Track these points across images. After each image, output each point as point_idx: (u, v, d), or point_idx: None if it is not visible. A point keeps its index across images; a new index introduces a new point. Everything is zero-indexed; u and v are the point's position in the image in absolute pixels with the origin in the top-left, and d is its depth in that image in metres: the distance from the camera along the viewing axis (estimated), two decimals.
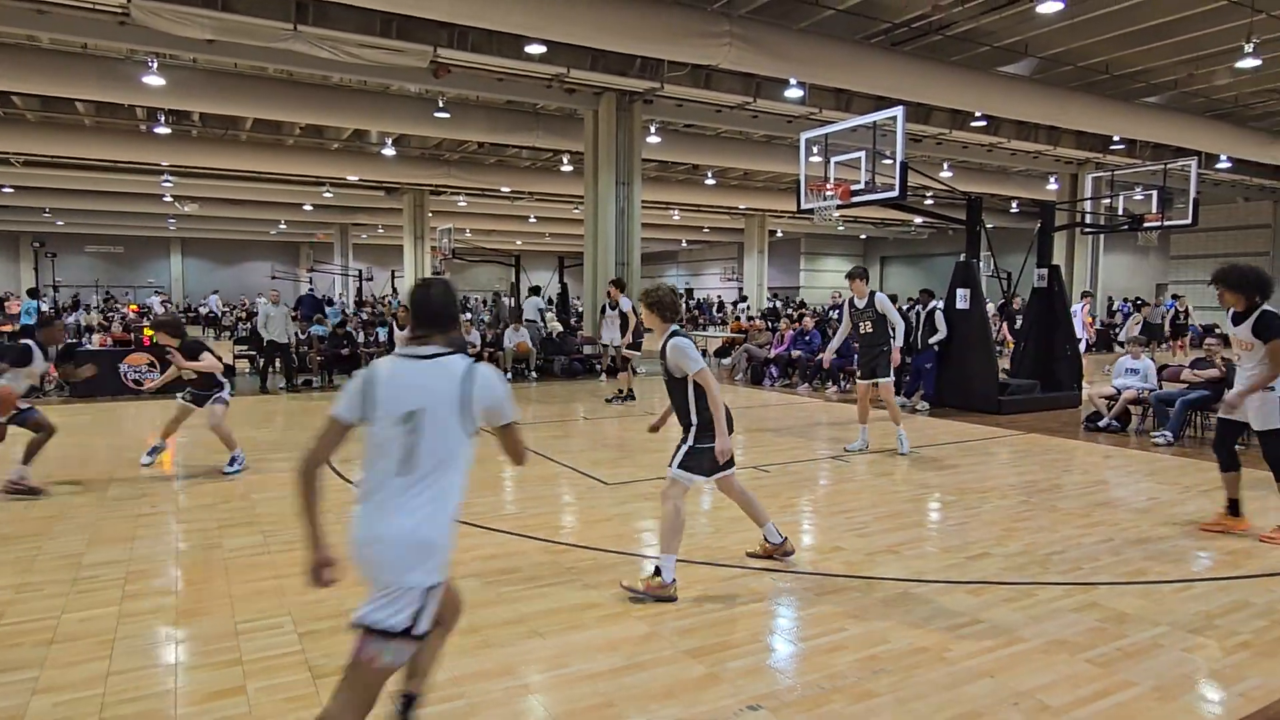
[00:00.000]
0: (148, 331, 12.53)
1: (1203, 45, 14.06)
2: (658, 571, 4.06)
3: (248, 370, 14.97)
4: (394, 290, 32.55)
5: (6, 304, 21.92)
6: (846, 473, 7.14)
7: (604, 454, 8.06)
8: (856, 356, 8.38)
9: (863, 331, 7.91)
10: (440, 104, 15.88)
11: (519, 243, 42.69)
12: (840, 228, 37.42)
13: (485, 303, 35.82)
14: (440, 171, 23.17)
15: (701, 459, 4.10)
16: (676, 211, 31.87)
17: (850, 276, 8.07)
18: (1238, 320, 5.07)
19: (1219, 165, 21.58)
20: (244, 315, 25.53)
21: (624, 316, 12.39)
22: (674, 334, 4.12)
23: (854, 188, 9.90)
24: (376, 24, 11.61)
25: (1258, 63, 12.81)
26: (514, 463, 2.53)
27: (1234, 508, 5.34)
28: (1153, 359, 10.48)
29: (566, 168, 21.95)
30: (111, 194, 26.98)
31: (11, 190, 26.15)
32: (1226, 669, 3.35)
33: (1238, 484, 5.32)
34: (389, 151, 20.74)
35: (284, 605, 3.95)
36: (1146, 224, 13.44)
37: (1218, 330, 15.29)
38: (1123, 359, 9.87)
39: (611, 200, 15.77)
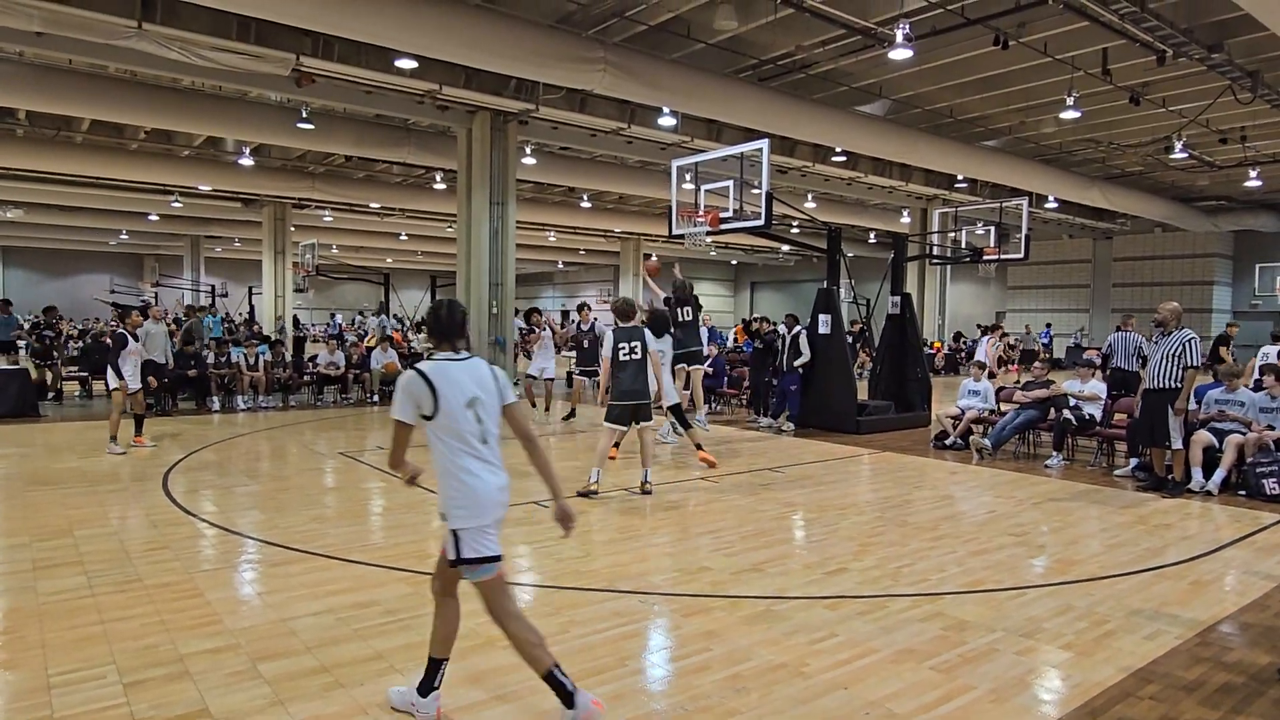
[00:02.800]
0: None
1: (1032, 96, 15.52)
2: None
3: (77, 394, 13.68)
4: (251, 307, 30.67)
5: None
6: (715, 493, 7.29)
7: None
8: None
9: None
10: (304, 114, 15.20)
11: (390, 260, 41.37)
12: (712, 253, 38.54)
13: (353, 322, 34.42)
14: (304, 184, 22.14)
15: None
16: (552, 233, 31.86)
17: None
18: None
19: (1047, 205, 23.82)
20: (75, 334, 23.31)
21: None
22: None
23: (723, 215, 10.21)
24: (233, 27, 10.99)
25: (1077, 114, 14.22)
26: (524, 439, 3.11)
27: None
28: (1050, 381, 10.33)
29: (439, 185, 21.52)
30: None
31: None
32: (1052, 668, 3.62)
33: None
34: (246, 161, 19.62)
35: (109, 653, 3.59)
36: (985, 256, 14.60)
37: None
38: (965, 381, 10.62)
39: (485, 220, 15.57)
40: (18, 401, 11.46)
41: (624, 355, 6.95)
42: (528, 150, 17.98)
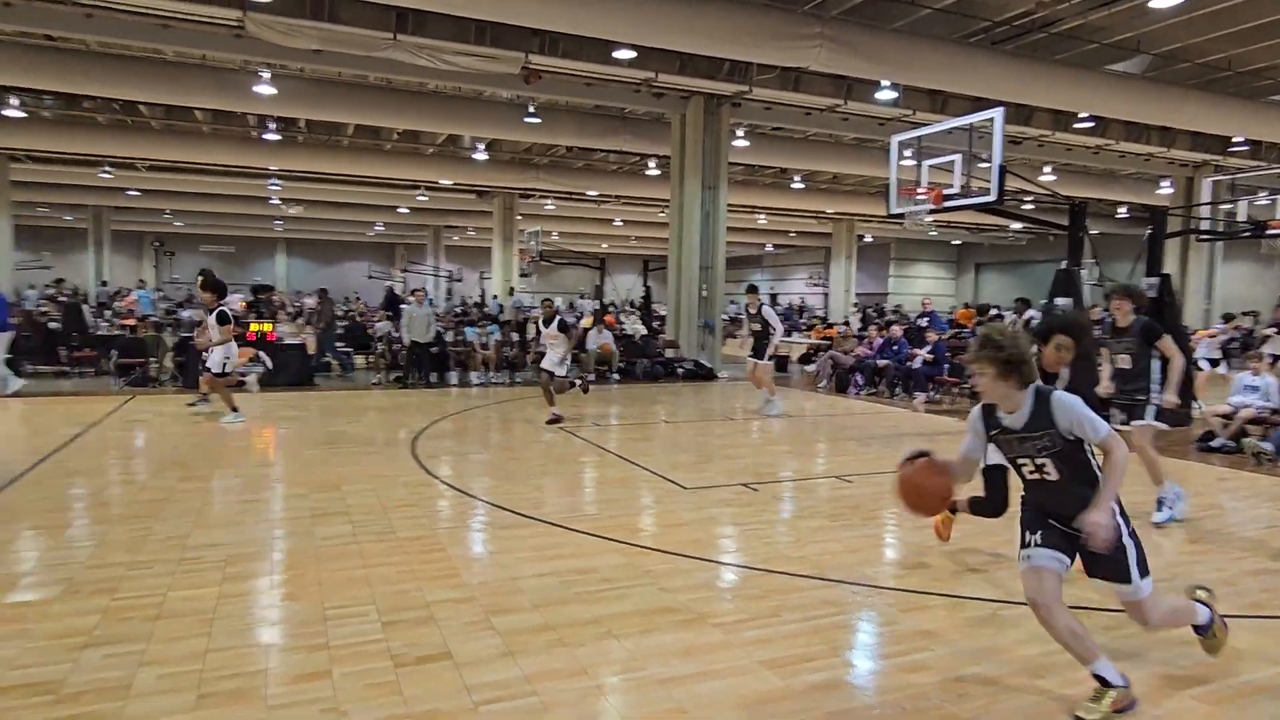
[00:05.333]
0: (254, 326, 13.21)
1: None
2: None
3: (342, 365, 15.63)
4: (482, 291, 33.35)
5: (125, 299, 23.51)
6: None
7: (683, 458, 8.04)
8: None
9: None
10: (530, 109, 16.20)
11: (604, 245, 43.11)
12: (932, 233, 36.33)
13: (571, 305, 36.35)
14: (529, 175, 23.64)
15: None
16: (763, 215, 31.57)
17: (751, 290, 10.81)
18: None
19: None
20: (341, 314, 26.60)
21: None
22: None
23: (947, 192, 9.57)
24: (471, 31, 11.94)
25: None
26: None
27: None
28: None
29: (652, 171, 22.04)
30: (224, 196, 28.61)
31: (138, 193, 28.06)
32: None
33: None
34: (481, 156, 21.28)
35: (370, 595, 4.08)
36: (1270, 231, 12.50)
37: None
38: (1240, 375, 9.21)
39: (697, 204, 15.75)
40: (299, 372, 13.30)
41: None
42: (740, 132, 17.91)
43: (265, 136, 18.91)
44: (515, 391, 13.50)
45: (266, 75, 13.82)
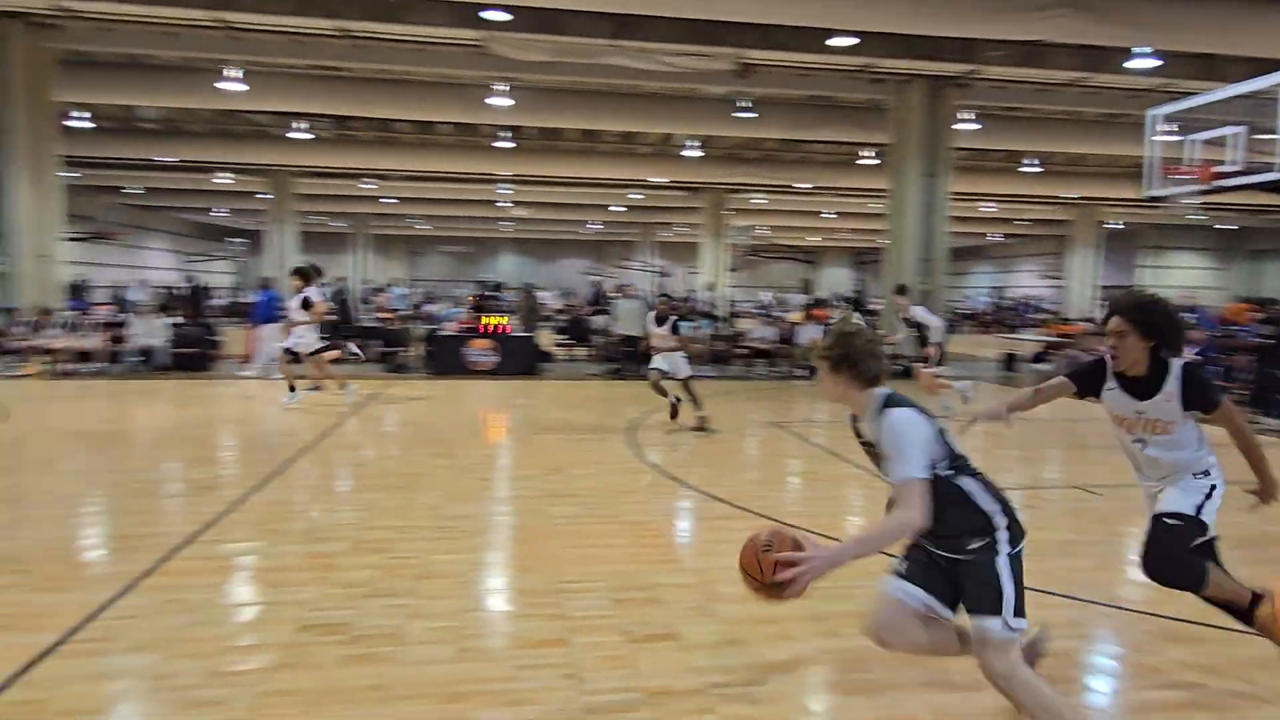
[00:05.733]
0: (484, 320, 14.39)
1: None
2: None
3: (563, 358, 16.62)
4: (692, 288, 33.95)
5: (380, 295, 26.50)
6: None
7: None
8: None
9: None
10: (743, 104, 16.24)
11: (814, 239, 42.29)
12: (1192, 217, 31.95)
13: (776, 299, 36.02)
14: (740, 170, 23.70)
15: None
16: (988, 203, 29.41)
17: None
18: None
19: None
20: (563, 308, 28.28)
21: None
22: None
23: (1220, 169, 8.41)
24: (687, 32, 12.18)
25: None
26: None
27: None
28: None
29: (867, 160, 21.26)
30: (461, 201, 31.41)
31: (393, 201, 31.59)
32: None
33: None
34: (693, 153, 21.65)
35: (600, 572, 4.34)
36: None
37: None
38: None
39: (916, 192, 15.02)
40: (526, 362, 14.32)
41: None
42: (966, 115, 16.81)
43: (498, 144, 20.49)
44: (725, 385, 13.65)
45: (503, 88, 14.98)
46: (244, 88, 14.56)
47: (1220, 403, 3.07)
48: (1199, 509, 3.08)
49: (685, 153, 21.85)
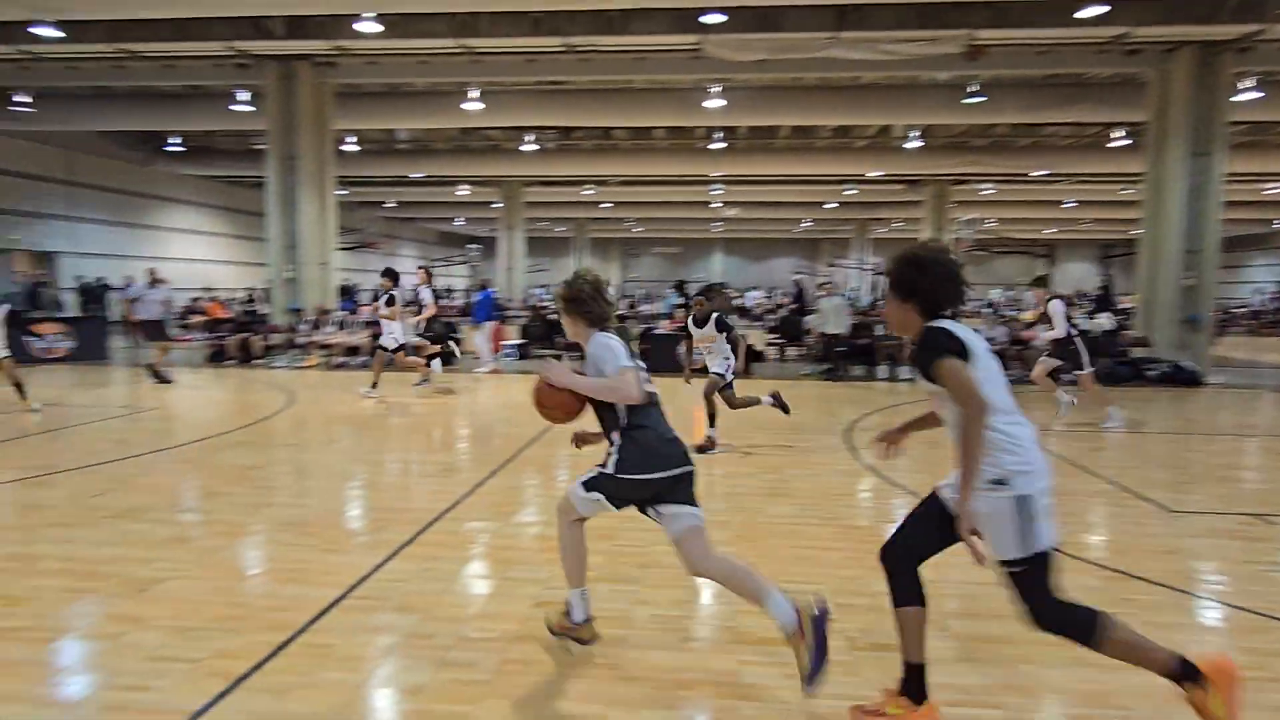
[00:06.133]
0: None
1: None
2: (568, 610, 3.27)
3: (775, 358, 16.46)
4: None
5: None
6: None
7: (1161, 474, 6.87)
8: None
9: None
10: (971, 89, 15.18)
11: (1052, 231, 38.65)
12: None
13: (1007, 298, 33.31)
14: (965, 159, 22.20)
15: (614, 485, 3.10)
16: (1277, 184, 25.30)
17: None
18: None
19: None
20: (773, 307, 28.08)
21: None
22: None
23: None
24: (913, 16, 11.62)
25: None
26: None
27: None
28: None
29: (1118, 142, 19.08)
30: (674, 203, 32.18)
31: (610, 205, 33.05)
32: None
33: None
34: (913, 144, 20.60)
35: (821, 575, 4.27)
36: None
37: None
38: None
39: (1181, 175, 13.26)
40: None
41: None
42: (1245, 84, 14.56)
43: (711, 146, 20.75)
44: None
45: (717, 89, 15.14)
46: (481, 106, 15.92)
47: (932, 365, 2.53)
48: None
49: (905, 145, 20.85)
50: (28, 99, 16.32)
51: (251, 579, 4.22)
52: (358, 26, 12.08)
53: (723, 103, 15.48)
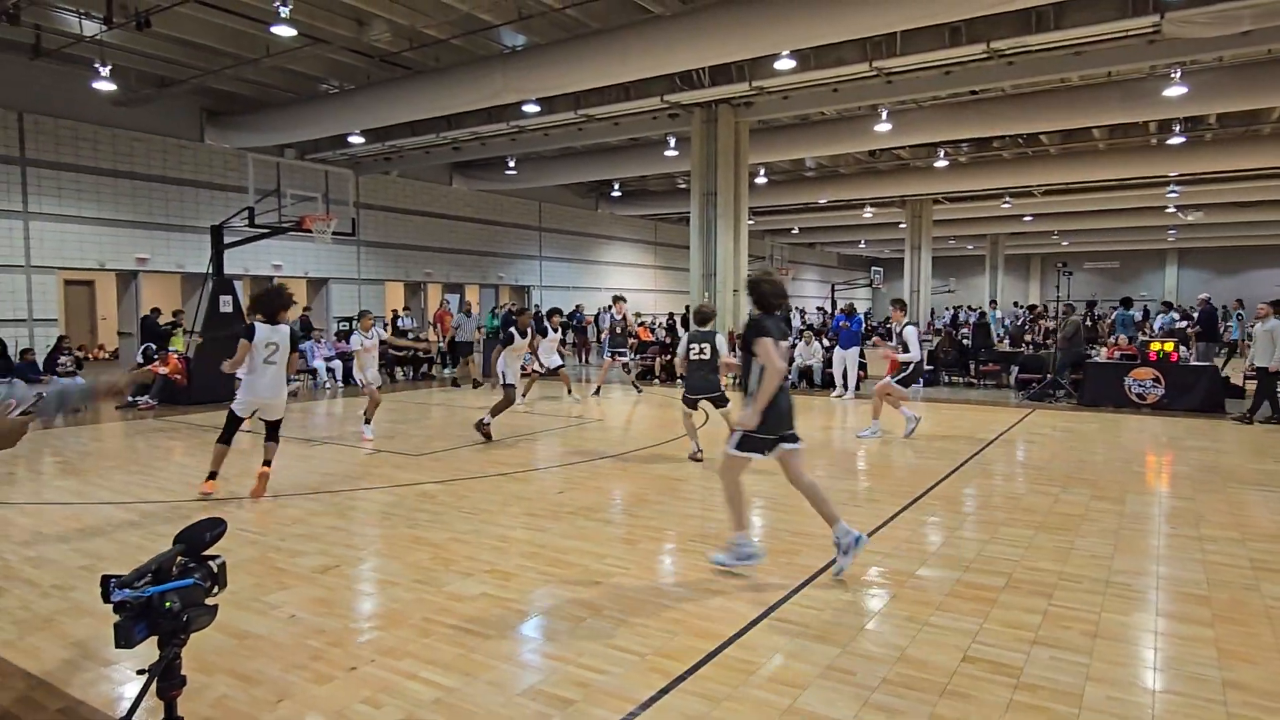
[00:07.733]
0: (1153, 346, 12.43)
1: None
2: None
3: None
4: None
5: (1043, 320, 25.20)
6: None
7: None
8: None
9: None
10: None
11: None
12: None
13: None
14: None
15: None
16: None
17: None
18: None
19: None
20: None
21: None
22: None
23: None
24: None
25: None
26: None
27: None
28: None
29: None
30: (1112, 211, 27.96)
31: (1030, 218, 29.98)
32: None
33: None
34: None
35: None
36: None
37: None
38: None
39: None
40: (1202, 397, 11.87)
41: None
42: None
43: (1168, 142, 17.61)
44: None
45: (1176, 75, 12.77)
46: (888, 127, 15.57)
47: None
48: None
49: None
50: (513, 164, 20.70)
51: (680, 585, 4.58)
52: (777, 65, 12.66)
53: (1183, 89, 13.01)
